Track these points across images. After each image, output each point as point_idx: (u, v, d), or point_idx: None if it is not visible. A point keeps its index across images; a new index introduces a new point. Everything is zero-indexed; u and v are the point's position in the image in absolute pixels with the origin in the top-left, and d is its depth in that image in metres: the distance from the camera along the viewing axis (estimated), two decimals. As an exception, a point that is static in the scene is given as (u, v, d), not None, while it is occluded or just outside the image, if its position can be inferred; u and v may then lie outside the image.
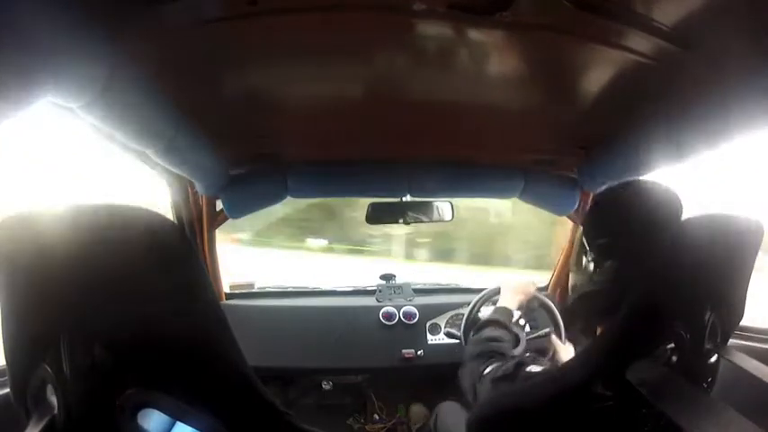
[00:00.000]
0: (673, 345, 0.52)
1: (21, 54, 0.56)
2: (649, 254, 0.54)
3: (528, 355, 1.42)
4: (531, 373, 0.69)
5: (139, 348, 0.36)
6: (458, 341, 1.52)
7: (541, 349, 1.36)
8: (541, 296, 1.38)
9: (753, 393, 0.61)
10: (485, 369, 0.79)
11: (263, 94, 1.11)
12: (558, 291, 1.81)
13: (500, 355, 0.85)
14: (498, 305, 1.13)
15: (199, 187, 1.36)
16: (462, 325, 1.50)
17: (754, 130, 0.85)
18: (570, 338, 1.36)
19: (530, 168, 1.54)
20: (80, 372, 0.35)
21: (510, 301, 1.15)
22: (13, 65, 0.56)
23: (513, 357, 1.12)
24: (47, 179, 1.41)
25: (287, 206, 2.93)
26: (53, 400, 0.36)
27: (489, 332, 0.96)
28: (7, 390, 0.39)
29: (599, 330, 0.68)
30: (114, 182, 1.41)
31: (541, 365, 0.72)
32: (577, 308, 0.71)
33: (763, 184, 1.49)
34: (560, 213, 1.65)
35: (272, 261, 4.02)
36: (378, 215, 1.61)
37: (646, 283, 0.50)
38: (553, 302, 1.43)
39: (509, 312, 1.09)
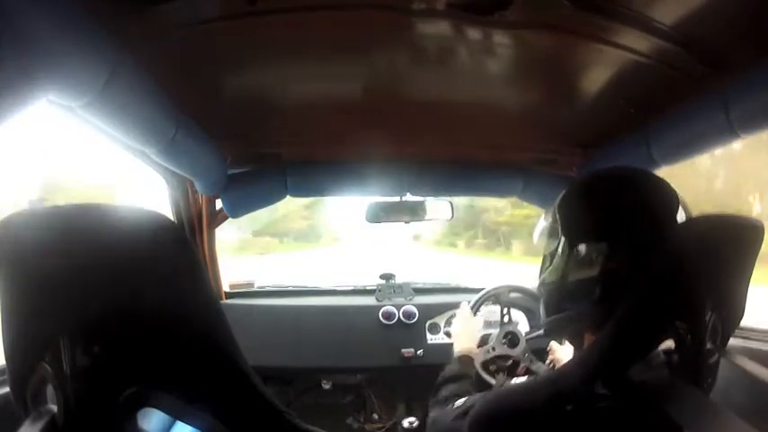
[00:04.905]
0: (674, 344, 0.52)
1: (21, 54, 0.56)
2: (649, 238, 0.53)
3: (526, 355, 1.41)
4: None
5: (139, 347, 0.36)
6: None
7: (540, 349, 1.35)
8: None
9: (751, 395, 0.61)
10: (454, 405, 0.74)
11: (262, 94, 1.11)
12: None
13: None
14: (457, 353, 1.08)
15: (199, 187, 1.36)
16: None
17: (754, 129, 0.85)
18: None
19: (529, 168, 1.54)
20: (80, 371, 0.35)
21: (466, 341, 1.10)
22: (13, 65, 0.56)
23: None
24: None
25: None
26: (53, 399, 0.36)
27: (446, 392, 0.92)
28: (7, 389, 0.39)
29: (587, 337, 0.62)
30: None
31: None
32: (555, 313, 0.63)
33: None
34: None
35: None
36: (377, 214, 1.61)
37: (648, 281, 0.50)
38: None
39: (470, 362, 1.06)
